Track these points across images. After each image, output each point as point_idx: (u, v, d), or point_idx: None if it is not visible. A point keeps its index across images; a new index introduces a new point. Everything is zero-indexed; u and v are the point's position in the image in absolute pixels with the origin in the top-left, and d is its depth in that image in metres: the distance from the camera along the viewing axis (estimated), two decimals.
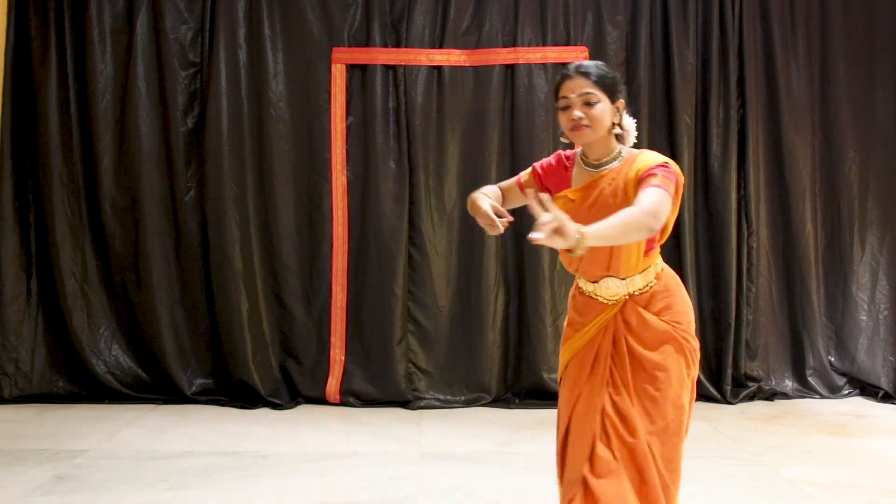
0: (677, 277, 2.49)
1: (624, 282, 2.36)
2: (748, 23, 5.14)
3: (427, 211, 5.09)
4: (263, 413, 4.88)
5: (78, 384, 5.00)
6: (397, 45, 5.07)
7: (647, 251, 2.35)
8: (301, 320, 5.10)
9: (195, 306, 5.08)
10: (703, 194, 5.20)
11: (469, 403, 5.03)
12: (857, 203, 5.29)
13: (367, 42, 5.06)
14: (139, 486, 3.57)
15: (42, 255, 5.02)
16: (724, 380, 5.09)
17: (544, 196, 2.02)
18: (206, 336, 5.09)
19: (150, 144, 4.97)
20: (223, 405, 4.94)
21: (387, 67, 5.07)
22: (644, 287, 2.38)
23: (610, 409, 2.28)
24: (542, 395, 5.01)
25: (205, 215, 5.02)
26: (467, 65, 5.09)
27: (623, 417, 2.27)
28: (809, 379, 5.23)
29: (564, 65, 5.02)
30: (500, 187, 2.59)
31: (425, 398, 5.03)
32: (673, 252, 5.16)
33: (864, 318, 5.28)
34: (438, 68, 5.08)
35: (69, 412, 4.76)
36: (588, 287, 2.43)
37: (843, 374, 5.30)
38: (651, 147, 5.09)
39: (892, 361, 5.23)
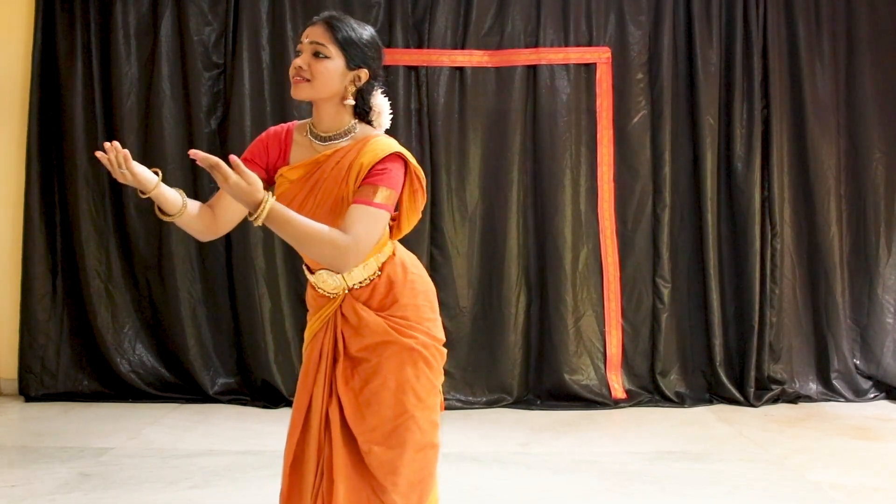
0: (414, 263, 2.22)
1: (340, 275, 2.09)
2: (772, 22, 5.09)
3: (449, 211, 5.09)
4: (285, 413, 4.84)
5: (102, 383, 5.04)
6: (419, 46, 5.07)
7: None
8: None
9: (218, 306, 5.10)
10: (726, 195, 5.15)
11: (490, 404, 5.02)
12: (883, 204, 5.22)
13: (389, 43, 5.06)
14: (163, 484, 3.61)
15: (68, 256, 5.07)
16: (747, 382, 5.04)
17: (236, 160, 1.81)
18: (228, 336, 5.12)
19: (173, 145, 5.01)
20: (245, 405, 4.97)
21: (409, 68, 5.07)
22: (364, 280, 2.12)
23: (329, 417, 2.10)
24: (564, 397, 5.00)
25: None
26: (489, 66, 5.09)
27: (337, 425, 2.08)
28: (834, 382, 5.18)
29: (587, 66, 5.11)
30: (208, 204, 2.15)
31: (446, 399, 5.01)
32: (696, 253, 5.13)
33: (891, 320, 5.21)
34: (460, 69, 5.08)
35: (94, 410, 4.81)
36: (310, 277, 2.17)
37: (868, 378, 5.24)
38: (673, 148, 5.17)
39: None
